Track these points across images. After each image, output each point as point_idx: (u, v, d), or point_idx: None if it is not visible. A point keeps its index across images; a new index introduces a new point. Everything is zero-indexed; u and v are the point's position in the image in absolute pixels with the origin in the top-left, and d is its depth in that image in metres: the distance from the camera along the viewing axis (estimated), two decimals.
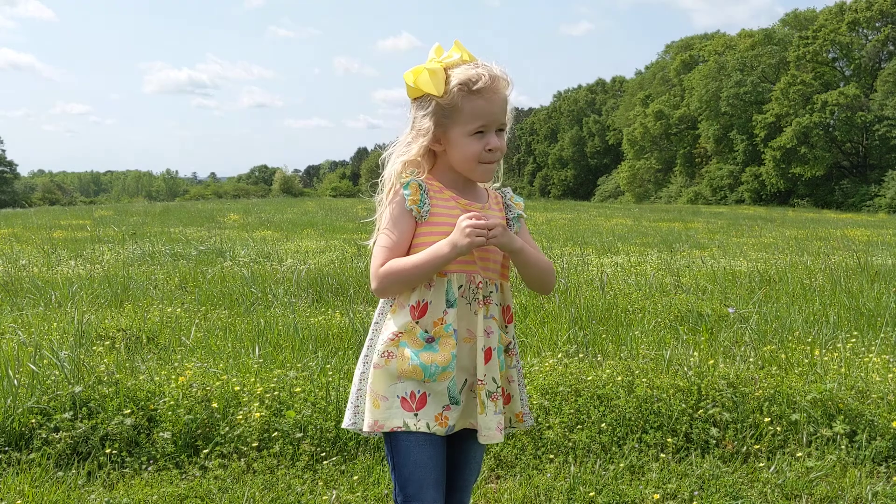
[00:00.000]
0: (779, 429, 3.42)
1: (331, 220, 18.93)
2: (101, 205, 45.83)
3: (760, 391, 3.60)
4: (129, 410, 3.38)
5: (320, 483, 3.08)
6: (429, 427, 1.86)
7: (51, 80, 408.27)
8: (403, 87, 1.97)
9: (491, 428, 1.88)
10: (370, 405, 1.90)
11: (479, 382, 1.89)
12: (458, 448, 2.01)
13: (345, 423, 1.99)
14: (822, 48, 47.63)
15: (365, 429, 1.91)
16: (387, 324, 1.93)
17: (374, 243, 1.94)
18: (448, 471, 1.97)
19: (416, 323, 1.88)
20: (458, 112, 1.88)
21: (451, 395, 1.89)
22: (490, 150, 1.91)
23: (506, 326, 2.01)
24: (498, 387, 1.91)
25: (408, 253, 1.91)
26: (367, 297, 6.42)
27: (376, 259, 1.90)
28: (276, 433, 3.32)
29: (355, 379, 1.98)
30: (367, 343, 1.97)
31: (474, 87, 1.86)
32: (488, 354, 1.90)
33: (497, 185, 2.08)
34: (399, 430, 1.86)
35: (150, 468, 3.19)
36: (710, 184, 52.36)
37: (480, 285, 1.92)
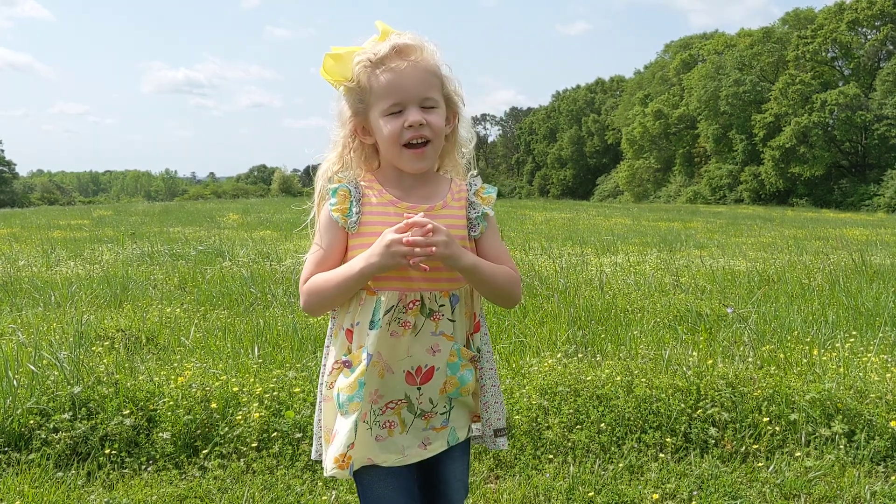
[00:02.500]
0: (777, 428, 3.42)
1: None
2: (99, 205, 45.89)
3: (759, 391, 3.60)
4: (128, 411, 3.38)
5: (320, 483, 3.08)
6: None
7: (49, 79, 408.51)
8: None
9: (413, 447, 1.73)
10: (323, 440, 1.76)
11: (400, 402, 1.71)
12: (437, 471, 1.82)
13: (313, 455, 1.84)
14: (821, 47, 47.68)
15: (326, 473, 1.72)
16: (330, 350, 1.76)
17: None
18: (432, 496, 1.83)
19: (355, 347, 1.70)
20: (369, 93, 1.66)
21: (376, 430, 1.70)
22: (409, 126, 1.64)
23: (472, 336, 1.78)
24: (434, 406, 1.75)
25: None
26: None
27: (302, 274, 1.71)
28: (275, 433, 3.32)
29: (316, 408, 1.81)
30: (321, 370, 1.80)
31: (376, 60, 1.64)
32: (430, 373, 1.71)
33: (473, 172, 1.81)
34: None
35: (149, 468, 3.19)
36: (709, 183, 52.41)
37: (413, 304, 1.66)
